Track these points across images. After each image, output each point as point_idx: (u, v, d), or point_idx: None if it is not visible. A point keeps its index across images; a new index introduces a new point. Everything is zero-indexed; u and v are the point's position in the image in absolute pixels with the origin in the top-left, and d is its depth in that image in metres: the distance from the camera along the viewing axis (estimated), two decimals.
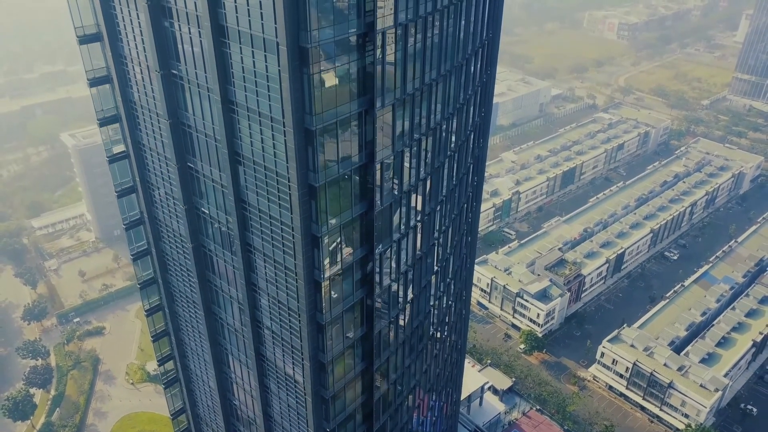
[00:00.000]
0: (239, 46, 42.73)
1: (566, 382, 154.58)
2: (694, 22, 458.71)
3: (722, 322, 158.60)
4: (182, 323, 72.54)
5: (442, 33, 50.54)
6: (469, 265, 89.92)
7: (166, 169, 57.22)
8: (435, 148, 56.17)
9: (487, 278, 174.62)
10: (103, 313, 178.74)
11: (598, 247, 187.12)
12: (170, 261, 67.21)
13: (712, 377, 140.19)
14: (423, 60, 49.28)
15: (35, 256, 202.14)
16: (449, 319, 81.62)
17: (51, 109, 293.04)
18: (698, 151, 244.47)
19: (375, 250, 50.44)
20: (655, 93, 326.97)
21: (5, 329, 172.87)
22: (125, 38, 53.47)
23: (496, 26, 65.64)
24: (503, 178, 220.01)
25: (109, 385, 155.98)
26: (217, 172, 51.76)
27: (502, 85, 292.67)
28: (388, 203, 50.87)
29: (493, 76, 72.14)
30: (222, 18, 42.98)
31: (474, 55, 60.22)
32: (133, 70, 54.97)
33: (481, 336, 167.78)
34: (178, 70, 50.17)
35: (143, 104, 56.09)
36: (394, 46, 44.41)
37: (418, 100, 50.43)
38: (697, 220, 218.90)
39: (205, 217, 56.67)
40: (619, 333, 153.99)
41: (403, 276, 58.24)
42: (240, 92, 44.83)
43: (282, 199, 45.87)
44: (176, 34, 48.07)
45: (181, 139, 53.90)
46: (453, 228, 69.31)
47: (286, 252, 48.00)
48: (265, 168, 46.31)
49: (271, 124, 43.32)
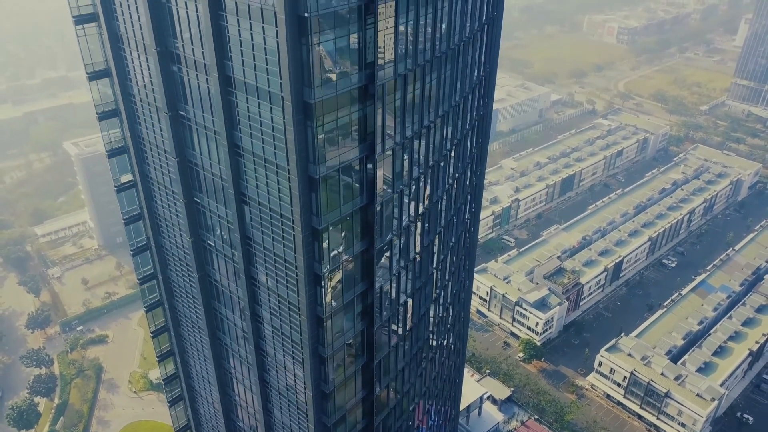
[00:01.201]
0: (245, 96, 44.44)
1: (564, 391, 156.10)
2: (694, 26, 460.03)
3: (719, 331, 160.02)
4: (186, 345, 74.06)
5: (439, 79, 52.22)
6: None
7: (173, 202, 58.91)
8: (434, 181, 57.85)
9: (486, 287, 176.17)
10: (106, 321, 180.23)
11: (596, 256, 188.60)
12: (177, 288, 68.80)
13: (709, 386, 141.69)
14: (422, 105, 50.95)
15: (38, 263, 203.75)
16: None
17: (53, 115, 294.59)
18: (696, 158, 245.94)
19: (375, 284, 52.13)
20: (654, 98, 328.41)
21: (9, 337, 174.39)
22: (134, 78, 55.12)
23: (493, 61, 67.16)
24: (503, 186, 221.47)
25: (112, 393, 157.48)
26: (223, 209, 53.46)
27: (502, 90, 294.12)
28: (388, 238, 52.54)
29: (490, 107, 73.68)
30: (229, 69, 44.66)
31: (471, 93, 61.90)
32: (141, 108, 56.62)
33: (480, 344, 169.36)
34: (185, 111, 51.83)
35: (151, 141, 57.81)
36: (393, 95, 46.09)
37: (417, 142, 52.13)
38: (695, 227, 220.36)
39: (211, 250, 58.43)
40: (616, 342, 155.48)
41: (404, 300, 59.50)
42: (246, 138, 46.52)
43: (286, 239, 47.61)
44: (184, 78, 49.73)
45: (188, 175, 55.57)
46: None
47: (290, 288, 49.76)
48: (270, 209, 48.01)
49: (276, 170, 45.04)
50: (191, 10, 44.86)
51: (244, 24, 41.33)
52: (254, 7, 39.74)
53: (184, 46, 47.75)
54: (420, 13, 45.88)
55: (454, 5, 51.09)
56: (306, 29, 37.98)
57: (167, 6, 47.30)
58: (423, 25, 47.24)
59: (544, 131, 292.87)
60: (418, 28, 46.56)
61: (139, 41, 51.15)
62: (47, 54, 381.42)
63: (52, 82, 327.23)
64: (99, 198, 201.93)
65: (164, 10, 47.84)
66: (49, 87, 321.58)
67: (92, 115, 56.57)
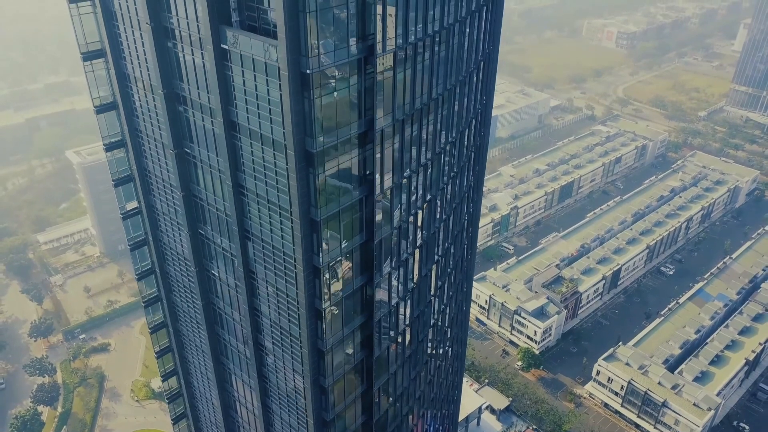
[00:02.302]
0: (250, 141, 46.06)
1: (563, 399, 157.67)
2: (693, 30, 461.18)
3: (716, 340, 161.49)
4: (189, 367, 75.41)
5: (436, 120, 53.94)
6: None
7: (178, 231, 60.52)
8: (431, 214, 59.50)
9: (485, 295, 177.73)
10: (108, 330, 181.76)
11: (594, 264, 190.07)
12: (180, 312, 70.36)
13: (705, 396, 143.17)
14: (419, 141, 52.63)
15: (41, 271, 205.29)
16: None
17: (55, 121, 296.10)
18: (695, 165, 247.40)
19: (374, 317, 53.84)
20: (653, 104, 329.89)
21: (12, 346, 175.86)
22: (140, 114, 56.69)
23: (489, 94, 68.42)
24: (502, 193, 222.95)
25: (115, 402, 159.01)
26: (227, 242, 55.10)
27: (501, 97, 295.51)
28: (386, 275, 54.29)
29: (487, 139, 75.29)
30: (234, 115, 46.30)
31: (467, 126, 63.54)
32: (147, 143, 58.20)
33: (479, 353, 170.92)
34: (191, 149, 53.44)
35: (156, 174, 59.40)
36: (392, 138, 47.73)
37: (415, 180, 53.85)
38: (693, 234, 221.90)
39: (215, 279, 60.09)
40: (614, 351, 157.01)
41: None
42: (250, 180, 48.16)
43: (288, 276, 49.30)
44: (190, 119, 51.34)
45: (193, 209, 57.15)
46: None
47: (291, 321, 51.42)
48: (273, 247, 49.67)
49: (279, 212, 46.65)
50: (197, 58, 46.48)
51: (248, 75, 42.95)
52: (258, 61, 41.36)
53: (190, 89, 49.37)
54: (417, 60, 47.53)
55: (450, 51, 52.63)
56: (308, 84, 39.64)
57: (174, 52, 48.90)
58: (420, 70, 48.90)
59: (543, 137, 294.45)
60: (415, 74, 48.19)
61: (146, 81, 52.76)
62: (49, 59, 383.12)
63: (54, 88, 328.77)
64: (101, 206, 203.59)
65: (171, 55, 49.44)
66: (51, 92, 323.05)
67: (94, 121, 57.94)
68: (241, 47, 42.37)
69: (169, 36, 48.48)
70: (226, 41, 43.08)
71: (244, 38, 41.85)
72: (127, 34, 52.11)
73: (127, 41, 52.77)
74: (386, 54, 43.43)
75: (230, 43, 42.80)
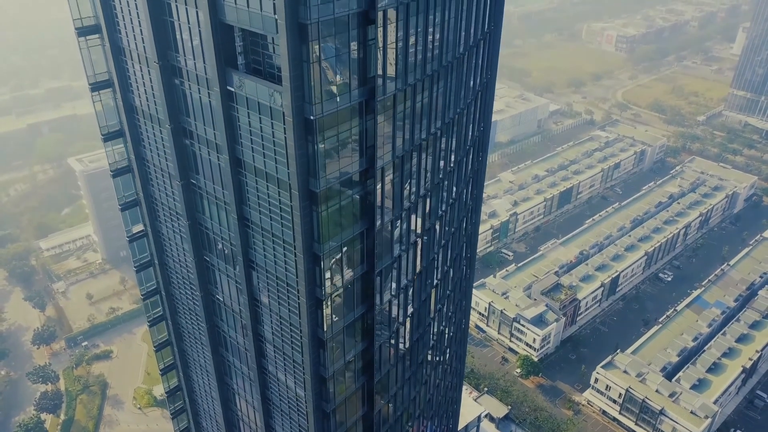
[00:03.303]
0: (255, 178, 47.51)
1: (561, 407, 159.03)
2: (692, 34, 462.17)
3: (713, 347, 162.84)
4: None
5: (435, 153, 55.41)
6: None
7: (183, 257, 61.98)
8: (428, 246, 61.05)
9: (485, 302, 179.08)
10: (110, 337, 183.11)
11: (593, 271, 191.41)
12: (186, 332, 71.74)
13: (702, 404, 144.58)
14: (419, 174, 54.05)
15: (43, 277, 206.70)
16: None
17: (57, 127, 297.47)
18: (693, 171, 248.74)
19: (375, 343, 55.30)
20: (652, 108, 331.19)
21: (15, 353, 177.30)
22: (147, 144, 58.12)
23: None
24: (501, 200, 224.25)
25: (117, 409, 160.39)
26: (232, 270, 56.54)
27: (501, 102, 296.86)
28: (387, 303, 55.75)
29: (485, 164, 76.60)
30: (239, 153, 47.73)
31: (465, 159, 65.05)
32: (154, 172, 59.61)
33: (479, 361, 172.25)
34: (197, 180, 54.84)
35: (163, 201, 60.82)
36: (392, 174, 49.21)
37: (414, 213, 55.40)
38: (691, 240, 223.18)
39: (219, 304, 61.57)
40: (612, 359, 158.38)
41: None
42: (255, 213, 49.56)
43: (291, 305, 50.75)
44: (197, 153, 52.75)
45: (199, 236, 58.60)
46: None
47: (294, 348, 52.88)
48: (276, 278, 51.15)
49: (283, 245, 48.12)
50: (204, 96, 47.83)
51: (254, 117, 44.33)
52: (264, 105, 42.74)
53: (197, 124, 50.75)
54: (416, 99, 48.99)
55: (448, 87, 53.97)
56: (312, 129, 41.05)
57: (181, 89, 50.28)
58: (419, 108, 50.33)
59: (542, 142, 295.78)
60: (414, 113, 49.60)
61: (154, 115, 54.15)
62: (50, 63, 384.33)
63: (55, 93, 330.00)
64: (103, 213, 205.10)
65: (178, 91, 50.79)
66: (52, 97, 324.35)
67: (95, 127, 59.13)
68: (247, 91, 43.82)
69: (177, 74, 49.91)
70: (233, 84, 44.52)
71: (250, 83, 43.29)
72: (135, 69, 53.54)
73: (134, 75, 54.17)
74: (386, 97, 44.86)
75: (236, 86, 44.23)
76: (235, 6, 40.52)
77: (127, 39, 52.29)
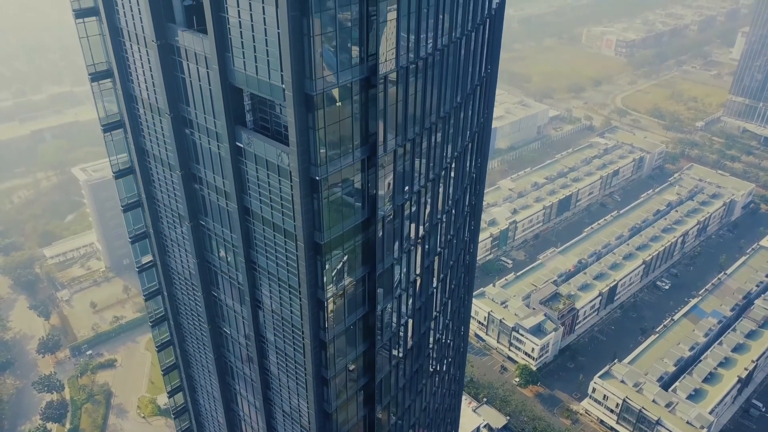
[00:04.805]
0: (262, 226, 49.70)
1: (559, 416, 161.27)
2: (691, 38, 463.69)
3: (709, 357, 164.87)
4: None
5: (433, 197, 57.61)
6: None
7: (192, 294, 64.36)
8: (425, 283, 63.33)
9: (484, 311, 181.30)
10: (114, 345, 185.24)
11: (591, 279, 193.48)
12: (194, 361, 73.94)
13: (698, 414, 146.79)
14: (418, 218, 56.31)
15: (47, 286, 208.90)
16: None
17: (60, 133, 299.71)
18: (691, 178, 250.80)
19: (376, 378, 57.59)
20: (651, 114, 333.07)
21: (20, 362, 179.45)
22: (158, 185, 60.34)
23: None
24: (501, 208, 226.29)
25: (122, 419, 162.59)
26: (238, 306, 58.78)
27: (501, 108, 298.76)
28: (387, 339, 58.00)
29: (481, 197, 78.60)
30: (248, 202, 49.94)
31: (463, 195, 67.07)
32: (164, 211, 61.82)
33: (478, 370, 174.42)
34: (205, 222, 57.03)
35: (172, 238, 63.04)
36: (392, 221, 51.45)
37: (412, 257, 57.82)
38: (689, 248, 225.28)
39: (226, 336, 63.83)
40: (609, 369, 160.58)
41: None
42: (262, 258, 51.76)
43: (296, 345, 53.05)
44: (206, 197, 54.93)
45: (207, 274, 60.88)
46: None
47: (299, 385, 55.15)
48: (282, 318, 53.38)
49: (288, 289, 50.34)
50: (213, 147, 50.04)
51: (261, 172, 46.47)
52: (271, 162, 44.93)
53: (206, 171, 52.93)
54: (415, 151, 51.24)
55: (446, 131, 56.23)
56: (317, 187, 43.24)
57: (191, 138, 52.50)
58: (419, 156, 52.58)
59: (542, 148, 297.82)
60: (413, 161, 51.85)
61: (165, 159, 56.37)
62: (52, 68, 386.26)
63: (58, 98, 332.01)
64: (106, 222, 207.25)
65: (188, 139, 53.01)
66: (55, 103, 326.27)
67: (98, 133, 60.93)
68: (255, 148, 46.00)
69: (187, 125, 52.09)
70: (242, 140, 46.70)
71: (258, 141, 45.49)
72: (147, 118, 55.76)
73: (146, 123, 56.32)
74: (387, 154, 47.12)
75: (245, 142, 46.41)
76: (244, 72, 42.71)
77: (139, 88, 54.45)
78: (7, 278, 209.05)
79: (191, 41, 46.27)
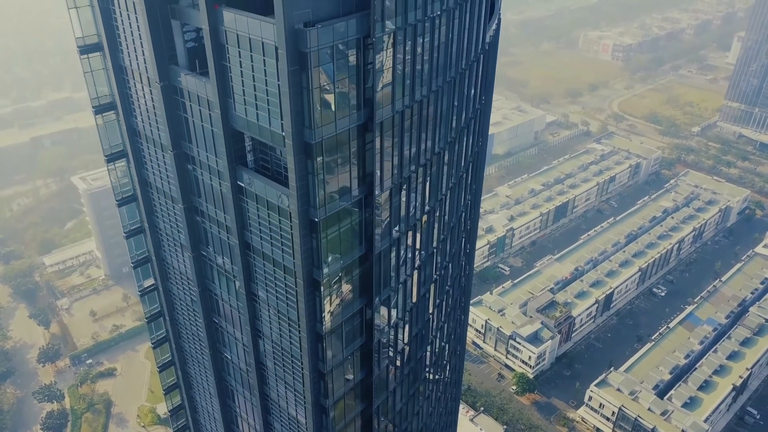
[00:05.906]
0: (263, 261, 51.15)
1: (556, 424, 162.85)
2: (688, 42, 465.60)
3: (704, 365, 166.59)
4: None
5: (428, 232, 59.18)
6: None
7: (195, 321, 65.82)
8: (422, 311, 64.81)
9: (481, 319, 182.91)
10: (114, 354, 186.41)
11: (588, 287, 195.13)
12: (197, 393, 75.18)
13: (693, 422, 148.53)
14: (413, 251, 57.79)
15: (47, 294, 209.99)
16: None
17: (59, 140, 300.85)
18: (687, 184, 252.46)
19: (373, 404, 59.10)
20: (647, 119, 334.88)
21: (21, 371, 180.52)
22: (160, 214, 61.72)
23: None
24: (498, 215, 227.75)
25: (122, 428, 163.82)
26: (239, 334, 60.22)
27: (498, 114, 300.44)
28: (385, 367, 59.50)
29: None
30: (248, 238, 51.33)
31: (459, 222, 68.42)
32: (167, 242, 63.19)
33: (475, 378, 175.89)
34: (207, 253, 58.46)
35: (174, 267, 64.49)
36: (389, 255, 52.96)
37: (408, 287, 59.42)
38: (685, 255, 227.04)
39: (227, 361, 65.26)
40: (606, 377, 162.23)
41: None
42: (262, 290, 53.17)
43: (296, 375, 54.52)
44: (208, 230, 56.36)
45: (208, 301, 62.34)
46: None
47: (299, 413, 56.67)
48: (282, 348, 54.83)
49: (288, 322, 51.79)
50: (215, 184, 51.41)
51: (262, 210, 47.85)
52: (272, 203, 46.37)
53: (208, 206, 54.33)
54: (411, 186, 52.69)
55: (440, 168, 57.75)
56: (317, 228, 44.70)
57: (193, 174, 53.87)
58: (414, 192, 54.09)
59: (539, 154, 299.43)
60: (409, 198, 53.33)
61: (167, 193, 57.75)
62: (52, 73, 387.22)
63: (57, 104, 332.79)
64: (106, 230, 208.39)
65: (190, 175, 54.36)
66: (54, 110, 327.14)
67: (97, 140, 61.24)
68: (256, 188, 47.40)
69: (190, 161, 53.49)
70: (243, 180, 48.10)
71: (258, 182, 46.91)
72: (150, 152, 57.05)
73: (149, 156, 57.65)
74: (384, 192, 48.57)
75: (246, 182, 47.81)
76: (245, 117, 44.13)
77: (142, 124, 55.83)
78: (7, 287, 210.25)
79: (194, 84, 47.64)
